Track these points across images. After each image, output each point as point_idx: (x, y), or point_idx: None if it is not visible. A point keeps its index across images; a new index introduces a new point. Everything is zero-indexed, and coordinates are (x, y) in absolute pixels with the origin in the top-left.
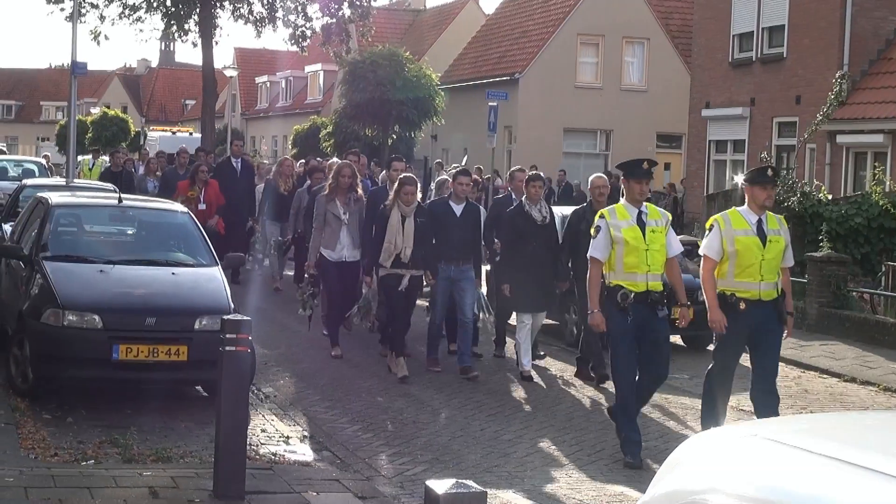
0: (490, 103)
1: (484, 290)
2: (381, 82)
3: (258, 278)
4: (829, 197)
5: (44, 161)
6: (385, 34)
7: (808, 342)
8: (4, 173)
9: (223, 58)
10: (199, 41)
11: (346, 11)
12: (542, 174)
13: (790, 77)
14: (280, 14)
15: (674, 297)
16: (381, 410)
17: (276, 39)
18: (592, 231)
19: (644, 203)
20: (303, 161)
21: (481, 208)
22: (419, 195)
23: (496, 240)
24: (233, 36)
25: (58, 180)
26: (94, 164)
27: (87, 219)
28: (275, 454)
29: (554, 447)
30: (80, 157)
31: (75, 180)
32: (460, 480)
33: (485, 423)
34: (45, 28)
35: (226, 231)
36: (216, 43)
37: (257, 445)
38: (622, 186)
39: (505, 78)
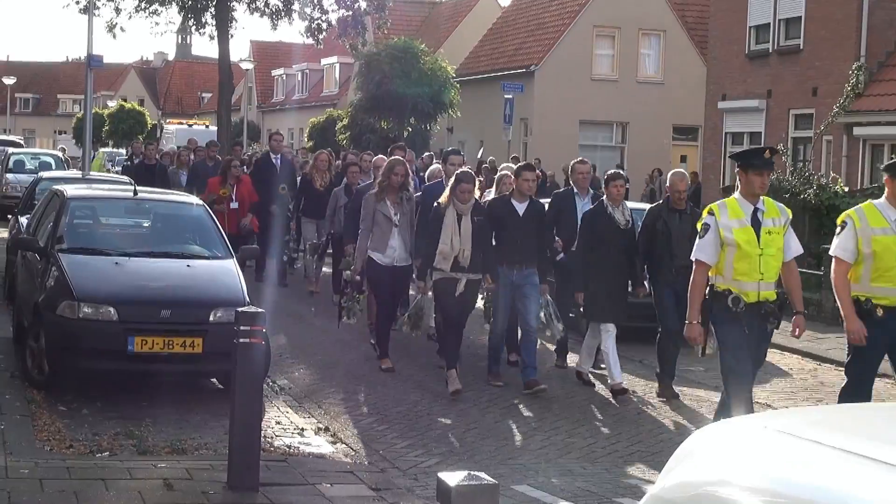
0: (506, 95)
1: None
2: (397, 75)
3: (273, 272)
4: (846, 189)
5: (60, 154)
6: (401, 27)
7: (825, 335)
8: (22, 166)
9: (239, 51)
10: (215, 34)
11: (362, 4)
12: (622, 171)
13: (807, 69)
14: (296, 7)
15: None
16: (395, 403)
17: (292, 32)
18: (699, 228)
19: (761, 198)
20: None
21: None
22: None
23: (557, 238)
24: (249, 29)
25: (74, 173)
26: (94, 156)
27: (102, 211)
28: (289, 446)
29: (569, 440)
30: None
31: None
32: (473, 472)
33: (499, 415)
34: (63, 21)
35: (265, 232)
36: (232, 36)
37: (272, 437)
38: (738, 178)
39: (521, 70)
